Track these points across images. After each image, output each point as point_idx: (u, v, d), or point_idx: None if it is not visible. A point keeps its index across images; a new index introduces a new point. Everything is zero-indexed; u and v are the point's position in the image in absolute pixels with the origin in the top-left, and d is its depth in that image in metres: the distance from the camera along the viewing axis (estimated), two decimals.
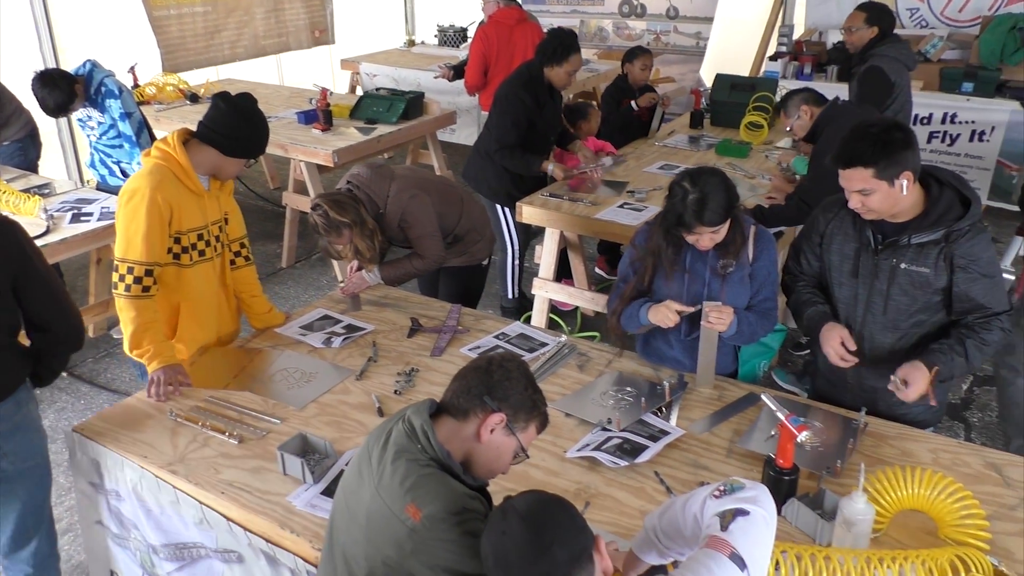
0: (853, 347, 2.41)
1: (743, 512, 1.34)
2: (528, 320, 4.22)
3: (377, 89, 5.94)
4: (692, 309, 2.50)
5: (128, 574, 2.53)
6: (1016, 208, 4.50)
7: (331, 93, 5.60)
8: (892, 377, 2.31)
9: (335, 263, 4.83)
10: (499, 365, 1.66)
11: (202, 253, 2.72)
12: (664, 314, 2.50)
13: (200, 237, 2.70)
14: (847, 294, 2.48)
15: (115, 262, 2.58)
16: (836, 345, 2.41)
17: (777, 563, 1.69)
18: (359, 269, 3.26)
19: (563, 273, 4.84)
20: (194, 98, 5.95)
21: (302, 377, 2.66)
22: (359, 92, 6.89)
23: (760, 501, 1.38)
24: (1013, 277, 4.41)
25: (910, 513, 1.97)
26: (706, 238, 2.44)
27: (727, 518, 1.34)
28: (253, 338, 2.94)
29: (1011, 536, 1.94)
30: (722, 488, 1.42)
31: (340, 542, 1.69)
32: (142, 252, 2.55)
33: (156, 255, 2.58)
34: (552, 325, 4.51)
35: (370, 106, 5.50)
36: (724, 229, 2.44)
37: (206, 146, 2.62)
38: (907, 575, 1.72)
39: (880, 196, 2.23)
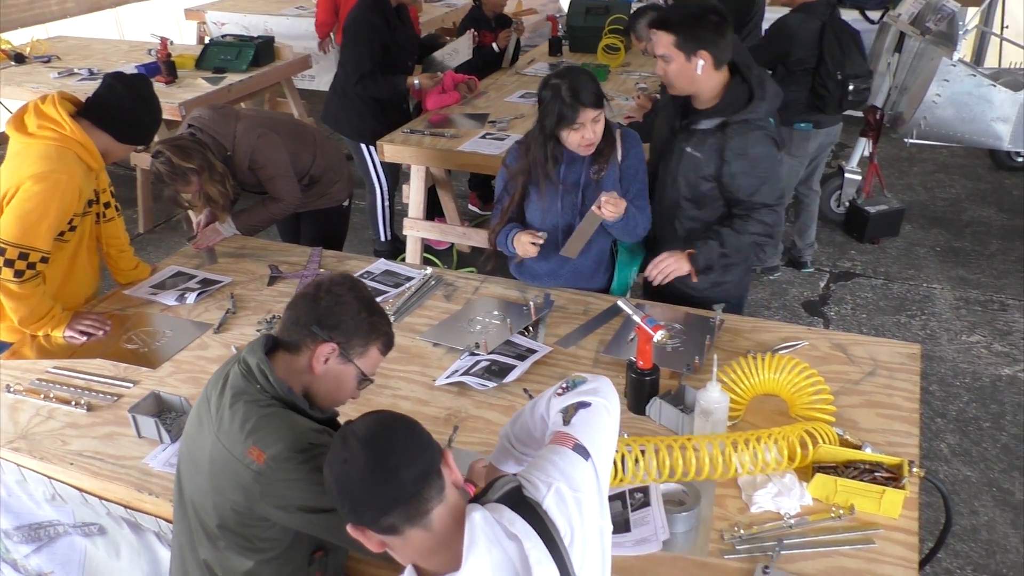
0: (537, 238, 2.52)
1: (584, 404, 1.35)
2: (403, 262, 4.15)
3: (223, 36, 5.61)
4: (542, 238, 2.51)
5: None
6: (860, 114, 4.72)
7: (172, 43, 5.25)
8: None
9: (192, 215, 4.56)
10: (327, 290, 1.58)
11: (75, 227, 2.54)
12: (525, 247, 2.52)
13: (85, 212, 2.54)
14: (660, 173, 2.60)
15: (1, 244, 2.33)
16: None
17: (642, 454, 1.73)
18: (211, 222, 3.09)
19: (436, 212, 4.78)
20: (20, 58, 5.46)
21: (155, 337, 2.52)
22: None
23: (600, 391, 1.40)
24: (860, 177, 4.65)
25: (764, 399, 2.06)
26: (588, 129, 2.39)
27: (569, 412, 1.35)
28: (100, 302, 2.76)
29: (855, 408, 2.05)
30: (564, 385, 1.43)
31: (188, 494, 1.62)
32: (41, 240, 2.35)
33: (50, 242, 2.40)
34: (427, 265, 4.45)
35: (217, 54, 5.20)
36: (603, 120, 2.43)
37: (98, 130, 2.42)
38: (761, 455, 1.80)
39: (677, 67, 2.35)
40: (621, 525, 1.72)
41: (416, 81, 4.10)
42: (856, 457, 1.80)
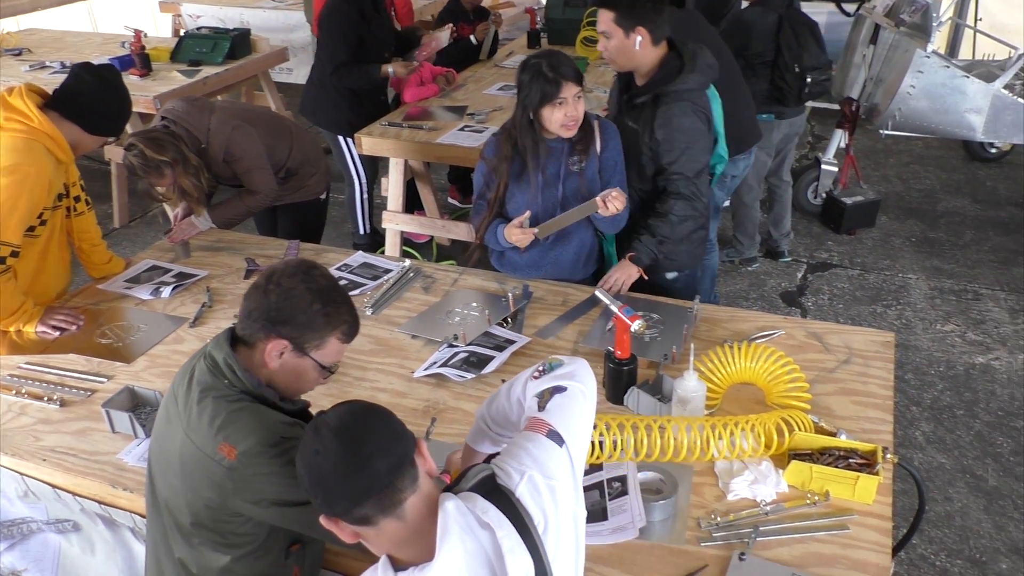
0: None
1: (560, 389, 1.35)
2: (382, 255, 4.13)
3: (199, 28, 5.55)
4: (525, 217, 2.50)
5: None
6: (837, 107, 4.75)
7: (146, 35, 5.18)
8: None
9: (169, 209, 4.51)
10: (276, 283, 1.51)
11: (46, 221, 2.50)
12: (518, 236, 2.52)
13: (55, 206, 2.50)
14: None
15: None
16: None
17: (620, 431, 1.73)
18: (187, 215, 3.06)
19: (415, 205, 4.76)
20: None
21: (129, 331, 2.49)
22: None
23: (577, 375, 1.39)
24: (836, 168, 4.69)
25: (741, 387, 2.07)
26: (571, 106, 2.39)
27: (545, 397, 1.34)
28: (73, 296, 2.73)
29: (830, 395, 2.07)
30: (541, 368, 1.42)
31: (160, 493, 1.61)
32: (11, 233, 2.31)
33: (20, 237, 2.36)
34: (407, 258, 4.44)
35: (192, 47, 5.13)
36: (583, 100, 2.42)
37: (67, 121, 2.38)
38: (738, 441, 1.81)
39: (616, 43, 2.47)
40: (598, 514, 1.73)
41: (391, 70, 4.07)
42: (831, 444, 1.82)
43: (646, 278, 2.61)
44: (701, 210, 2.56)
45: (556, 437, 1.27)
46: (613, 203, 2.39)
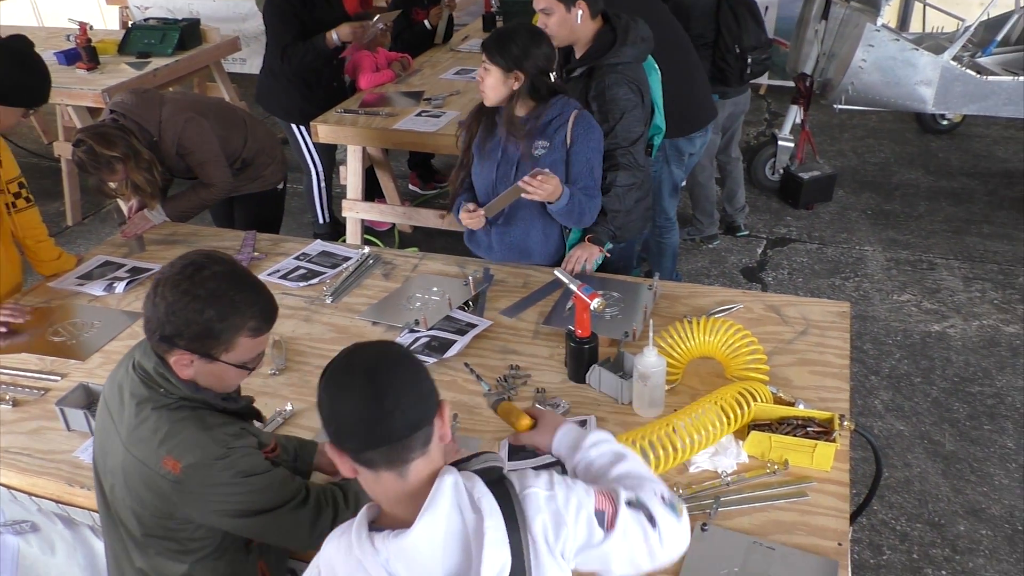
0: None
1: (652, 520, 1.24)
2: (344, 244, 4.09)
3: (147, 20, 5.43)
4: (474, 207, 2.53)
5: None
6: (791, 83, 4.80)
7: (91, 28, 5.06)
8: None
9: (123, 204, 4.40)
10: (161, 295, 1.40)
11: None
12: (466, 218, 2.54)
13: None
14: None
15: None
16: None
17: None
18: (141, 208, 3.00)
19: (376, 193, 4.72)
20: None
21: (83, 328, 2.44)
22: None
23: (667, 538, 1.25)
24: (792, 144, 4.74)
25: (701, 362, 2.09)
26: (481, 72, 2.41)
27: (635, 505, 1.24)
28: (24, 295, 2.66)
29: (789, 366, 2.10)
30: (663, 496, 1.30)
31: (111, 504, 1.57)
32: None
33: None
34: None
35: (140, 38, 5.03)
36: (493, 72, 2.36)
37: None
38: (702, 418, 1.81)
39: (558, 19, 2.54)
40: None
41: (335, 35, 3.93)
42: (789, 413, 1.84)
43: (608, 256, 2.62)
44: (642, 179, 2.62)
45: (601, 518, 1.20)
46: (540, 186, 2.30)
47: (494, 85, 2.38)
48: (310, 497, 1.56)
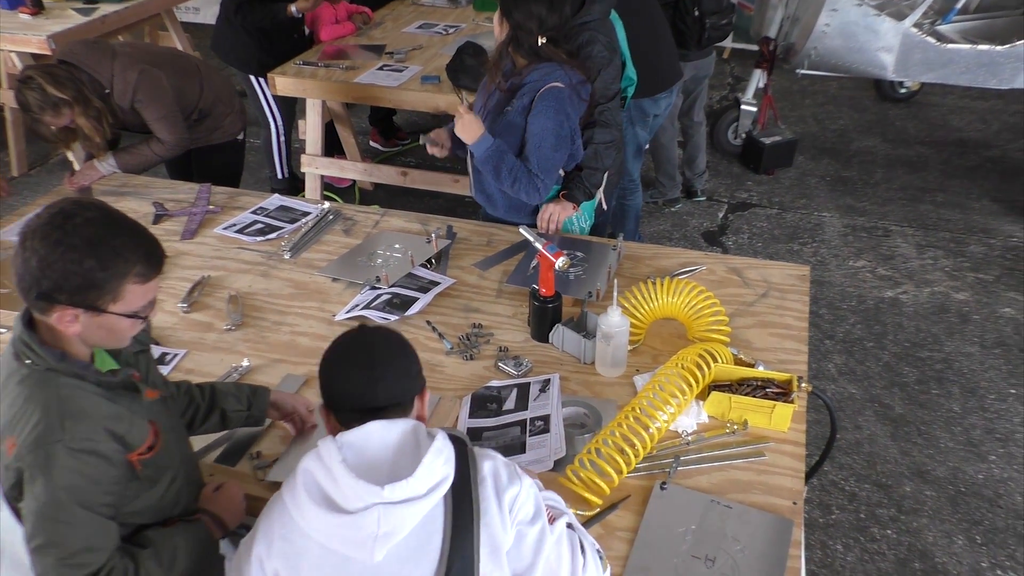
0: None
1: (581, 548, 1.38)
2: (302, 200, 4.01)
3: None
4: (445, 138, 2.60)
5: None
6: (756, 47, 4.80)
7: None
8: None
9: (71, 155, 4.24)
10: (32, 248, 1.26)
11: None
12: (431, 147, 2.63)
13: None
14: None
15: None
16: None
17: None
18: (90, 159, 2.90)
19: (336, 149, 4.62)
20: None
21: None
22: None
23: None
24: (755, 109, 4.75)
25: (664, 323, 2.10)
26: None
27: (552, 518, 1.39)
28: None
29: (749, 328, 2.12)
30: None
31: None
32: None
33: None
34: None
35: None
36: (499, 11, 2.39)
37: None
38: (668, 380, 1.81)
39: None
40: (517, 448, 1.74)
41: (294, 9, 3.86)
42: (749, 375, 1.86)
43: (580, 213, 2.60)
44: (617, 136, 2.61)
45: (538, 516, 1.32)
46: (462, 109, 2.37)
47: (496, 23, 2.41)
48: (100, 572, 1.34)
